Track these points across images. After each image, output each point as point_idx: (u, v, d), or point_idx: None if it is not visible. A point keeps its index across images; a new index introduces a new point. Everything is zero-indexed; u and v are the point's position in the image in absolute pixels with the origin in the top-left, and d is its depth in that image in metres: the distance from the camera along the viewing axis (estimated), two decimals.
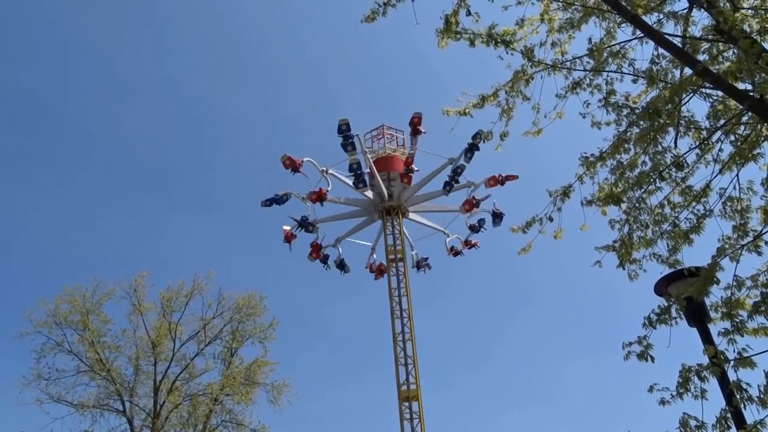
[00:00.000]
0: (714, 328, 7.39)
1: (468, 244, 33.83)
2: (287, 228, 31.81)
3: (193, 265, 78.35)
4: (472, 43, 9.29)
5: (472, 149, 30.70)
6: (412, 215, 33.80)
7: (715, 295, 7.45)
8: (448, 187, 31.71)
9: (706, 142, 9.12)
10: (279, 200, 30.93)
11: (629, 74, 9.87)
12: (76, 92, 77.77)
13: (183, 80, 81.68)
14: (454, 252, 34.11)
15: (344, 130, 30.09)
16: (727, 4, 8.55)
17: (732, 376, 6.57)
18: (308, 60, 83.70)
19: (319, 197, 30.38)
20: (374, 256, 34.10)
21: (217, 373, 30.97)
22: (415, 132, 31.31)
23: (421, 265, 34.63)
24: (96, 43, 76.97)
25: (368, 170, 31.51)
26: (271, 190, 30.69)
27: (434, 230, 34.70)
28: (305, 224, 31.66)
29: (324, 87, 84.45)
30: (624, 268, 9.37)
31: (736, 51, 8.40)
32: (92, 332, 30.14)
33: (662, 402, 6.93)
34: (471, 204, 32.14)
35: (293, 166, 29.95)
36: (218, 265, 70.90)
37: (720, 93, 8.75)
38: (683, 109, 9.07)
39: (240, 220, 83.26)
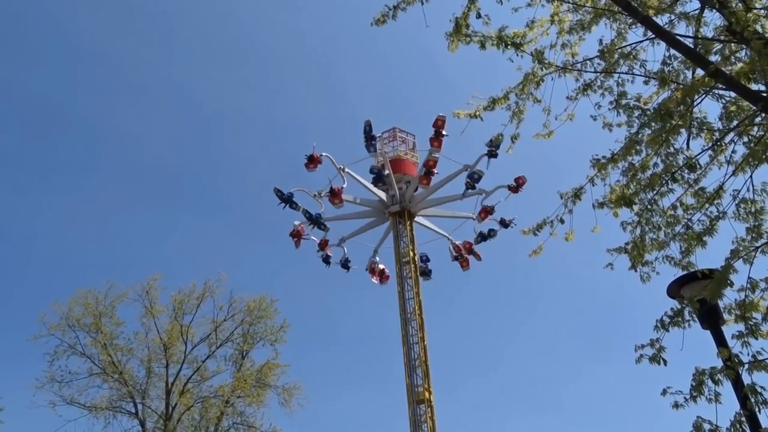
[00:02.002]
0: (728, 331, 7.35)
1: (482, 238, 32.80)
2: (297, 223, 31.66)
3: (204, 268, 78.98)
4: (482, 46, 9.28)
5: (490, 156, 30.59)
6: (419, 218, 33.66)
7: (729, 298, 7.41)
8: (466, 192, 31.67)
9: (718, 143, 9.06)
10: (287, 200, 30.74)
11: (640, 75, 9.82)
12: (86, 96, 78.52)
13: (193, 83, 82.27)
14: (466, 249, 33.38)
15: (368, 131, 30.89)
16: (740, 5, 8.49)
17: (746, 379, 6.53)
18: (318, 62, 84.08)
19: (335, 195, 30.61)
20: (377, 258, 33.69)
21: (228, 375, 31.22)
22: (438, 135, 31.30)
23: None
24: (105, 47, 77.70)
25: (387, 171, 31.63)
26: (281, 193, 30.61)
27: (439, 235, 34.37)
28: (317, 222, 31.46)
29: (334, 89, 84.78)
30: (636, 271, 9.33)
31: (748, 52, 8.34)
32: (105, 335, 30.37)
33: (676, 405, 6.88)
34: (486, 212, 32.08)
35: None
36: (229, 267, 71.00)
37: (733, 94, 8.69)
38: (695, 110, 9.02)
39: (250, 222, 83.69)
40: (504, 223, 32.34)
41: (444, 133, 31.24)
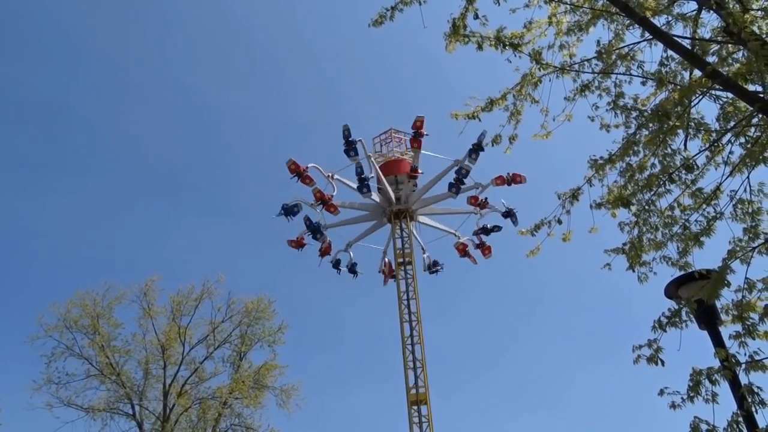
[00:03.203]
0: (725, 331, 7.34)
1: (482, 247, 33.31)
2: (294, 239, 32.06)
3: (202, 269, 78.92)
4: (480, 47, 9.30)
5: (476, 150, 30.62)
6: (421, 218, 33.75)
7: (726, 298, 7.40)
8: (455, 189, 31.50)
9: (716, 144, 9.07)
10: (290, 211, 30.67)
11: (638, 76, 9.84)
12: (86, 96, 78.42)
13: (193, 84, 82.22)
14: (462, 249, 33.73)
15: (347, 135, 30.33)
16: (737, 6, 8.51)
17: (743, 379, 6.53)
18: (317, 63, 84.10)
19: (322, 199, 30.48)
20: (386, 259, 33.97)
21: (226, 376, 31.15)
22: (418, 135, 31.29)
23: (432, 268, 34.46)
24: (106, 47, 77.65)
25: (372, 175, 31.43)
26: (280, 194, 30.98)
27: (445, 233, 34.57)
28: (314, 230, 31.63)
29: (332, 90, 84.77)
30: (634, 271, 9.34)
31: (745, 53, 8.36)
32: (102, 336, 30.30)
33: (673, 405, 6.89)
34: (476, 199, 31.94)
35: (298, 171, 30.17)
36: (228, 268, 71.00)
37: (730, 95, 8.70)
38: (693, 111, 9.02)
39: (250, 223, 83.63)
40: (508, 213, 32.20)
41: (424, 132, 31.06)
